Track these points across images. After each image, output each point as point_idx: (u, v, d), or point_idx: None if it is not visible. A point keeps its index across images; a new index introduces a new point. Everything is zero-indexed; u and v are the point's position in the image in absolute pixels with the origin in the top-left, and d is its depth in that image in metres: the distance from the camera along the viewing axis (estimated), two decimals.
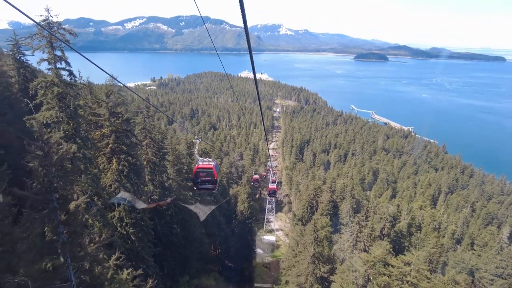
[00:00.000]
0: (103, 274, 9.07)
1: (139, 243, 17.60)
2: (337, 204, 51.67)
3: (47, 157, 7.04)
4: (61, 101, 12.04)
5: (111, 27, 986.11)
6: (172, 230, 27.76)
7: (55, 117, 11.74)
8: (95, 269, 8.75)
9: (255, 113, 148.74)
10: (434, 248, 33.08)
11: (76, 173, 8.42)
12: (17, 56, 28.45)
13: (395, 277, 16.02)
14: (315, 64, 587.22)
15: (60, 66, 12.45)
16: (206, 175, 11.74)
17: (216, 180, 11.84)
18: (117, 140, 16.46)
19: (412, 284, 15.40)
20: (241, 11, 2.68)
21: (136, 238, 17.28)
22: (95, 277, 8.67)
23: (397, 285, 15.67)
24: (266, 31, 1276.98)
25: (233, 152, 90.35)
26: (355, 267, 18.05)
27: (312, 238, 23.63)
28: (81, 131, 12.81)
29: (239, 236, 44.59)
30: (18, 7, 3.18)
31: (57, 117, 11.85)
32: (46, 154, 7.02)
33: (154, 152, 25.52)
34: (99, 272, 8.87)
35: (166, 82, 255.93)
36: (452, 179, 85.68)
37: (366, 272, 16.71)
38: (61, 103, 12.03)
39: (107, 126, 16.21)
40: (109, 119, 16.10)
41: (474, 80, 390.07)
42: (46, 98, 12.04)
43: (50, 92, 11.93)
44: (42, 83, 11.87)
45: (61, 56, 12.46)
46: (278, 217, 71.35)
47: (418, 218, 54.74)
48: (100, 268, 8.92)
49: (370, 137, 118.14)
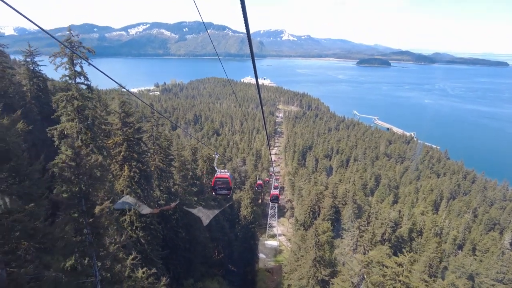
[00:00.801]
0: (121, 272, 10.03)
1: (148, 246, 18.53)
2: (339, 209, 52.33)
3: (79, 167, 8.03)
4: (80, 113, 13.10)
5: (115, 33, 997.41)
6: (178, 234, 28.66)
7: (75, 127, 12.76)
8: (115, 267, 9.69)
9: (258, 119, 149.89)
10: (434, 253, 33.58)
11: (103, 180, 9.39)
12: (31, 67, 29.89)
13: (389, 276, 16.82)
14: (318, 69, 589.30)
15: (79, 80, 13.51)
16: (222, 183, 14.32)
17: (230, 187, 14.38)
18: (128, 148, 17.50)
19: (404, 283, 16.22)
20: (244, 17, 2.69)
21: (145, 241, 18.22)
22: (115, 275, 9.61)
23: (390, 284, 16.48)
24: (268, 36, 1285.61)
25: (236, 158, 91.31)
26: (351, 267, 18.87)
27: (314, 242, 24.42)
28: (98, 141, 13.82)
29: (242, 240, 45.36)
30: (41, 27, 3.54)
31: (77, 127, 12.87)
32: (78, 164, 8.01)
33: (161, 159, 26.55)
34: (118, 270, 9.82)
35: (170, 88, 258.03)
36: (454, 185, 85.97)
37: (360, 271, 17.50)
38: (80, 115, 13.08)
39: (119, 135, 17.27)
40: (122, 128, 17.14)
41: (477, 85, 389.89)
42: (66, 110, 13.08)
43: (70, 105, 12.98)
44: (63, 97, 12.93)
45: (80, 71, 13.53)
46: (280, 222, 71.90)
47: (419, 223, 55.14)
48: (119, 266, 9.88)
49: (372, 142, 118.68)
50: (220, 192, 14.70)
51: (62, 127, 12.85)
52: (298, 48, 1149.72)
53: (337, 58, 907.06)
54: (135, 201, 17.20)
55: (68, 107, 13.01)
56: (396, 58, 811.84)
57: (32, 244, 6.94)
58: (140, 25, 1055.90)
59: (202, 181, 40.31)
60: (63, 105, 13.09)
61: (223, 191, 14.65)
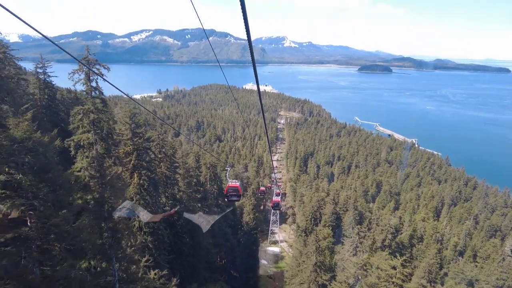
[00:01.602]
0: (136, 273, 10.92)
1: (156, 251, 19.40)
2: (340, 216, 52.88)
3: (103, 177, 8.99)
4: (96, 125, 14.12)
5: (118, 40, 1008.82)
6: (182, 239, 29.48)
7: (91, 139, 13.78)
8: (131, 268, 10.57)
9: (259, 125, 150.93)
10: (434, 259, 34.13)
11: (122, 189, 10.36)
12: (41, 77, 31.28)
13: (383, 278, 17.58)
14: (319, 76, 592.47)
15: (95, 95, 14.59)
16: (233, 191, 16.85)
17: (240, 194, 16.96)
18: (138, 157, 18.52)
19: (397, 284, 16.97)
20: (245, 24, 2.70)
21: (153, 246, 19.09)
22: (130, 275, 10.49)
23: (384, 285, 17.23)
24: (270, 43, 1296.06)
25: (238, 164, 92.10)
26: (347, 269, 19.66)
27: (314, 248, 25.16)
28: (112, 151, 14.81)
29: (245, 246, 45.98)
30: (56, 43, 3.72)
31: (92, 139, 13.89)
32: (102, 175, 8.97)
33: (167, 166, 27.53)
34: (133, 271, 10.70)
35: (172, 94, 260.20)
36: (455, 191, 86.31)
37: (355, 273, 18.26)
38: (96, 127, 14.10)
39: (129, 145, 18.28)
40: (132, 139, 18.18)
41: (478, 91, 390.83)
42: (82, 123, 14.13)
43: (86, 118, 14.03)
44: (80, 110, 13.99)
45: (96, 87, 14.63)
46: (282, 229, 72.38)
47: (420, 230, 55.58)
48: (134, 267, 10.76)
49: (374, 149, 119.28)
50: (231, 198, 17.28)
51: (79, 138, 13.84)
52: (300, 55, 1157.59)
53: (339, 64, 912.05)
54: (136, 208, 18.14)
55: (84, 120, 14.03)
56: (398, 64, 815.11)
57: (63, 246, 7.88)
58: (143, 32, 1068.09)
59: (205, 188, 41.21)
60: (79, 118, 14.12)
61: (234, 198, 17.30)
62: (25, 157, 7.22)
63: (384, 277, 17.56)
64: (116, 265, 10.12)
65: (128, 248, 10.43)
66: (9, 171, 6.98)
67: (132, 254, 10.46)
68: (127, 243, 10.74)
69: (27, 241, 7.31)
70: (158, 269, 13.22)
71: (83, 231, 8.39)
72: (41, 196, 7.48)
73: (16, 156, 7.10)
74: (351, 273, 18.96)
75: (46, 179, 7.81)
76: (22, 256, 7.10)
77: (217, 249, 44.90)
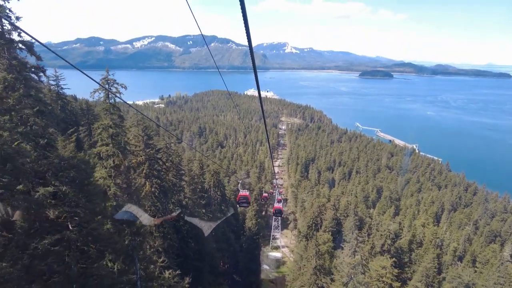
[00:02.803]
0: (154, 272, 12.24)
1: (165, 254, 20.66)
2: (341, 221, 53.98)
3: (129, 187, 10.36)
4: (114, 139, 15.58)
5: (121, 46, 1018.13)
6: (188, 244, 30.72)
7: (109, 151, 15.24)
8: (149, 268, 11.88)
9: (261, 131, 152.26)
10: (431, 263, 35.14)
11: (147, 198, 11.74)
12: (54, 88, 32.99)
13: (375, 278, 18.80)
14: (320, 81, 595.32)
15: (113, 111, 16.09)
16: (244, 198, 20.42)
17: (249, 202, 20.55)
18: (149, 166, 19.92)
19: (387, 283, 18.19)
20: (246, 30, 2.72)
21: (162, 250, 20.38)
22: (149, 274, 11.79)
23: (375, 284, 18.43)
24: (271, 49, 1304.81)
25: (240, 170, 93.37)
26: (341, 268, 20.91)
27: (314, 252, 26.35)
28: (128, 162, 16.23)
29: (247, 251, 47.09)
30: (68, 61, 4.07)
31: (111, 151, 15.35)
32: (128, 186, 10.34)
33: (174, 174, 28.93)
34: (152, 270, 12.01)
35: (174, 100, 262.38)
36: (455, 197, 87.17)
37: (349, 272, 19.47)
38: (114, 141, 15.56)
39: (141, 156, 19.72)
40: (144, 150, 19.62)
41: (479, 97, 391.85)
42: (102, 136, 15.61)
43: (105, 133, 15.51)
44: (100, 126, 15.48)
45: (114, 103, 16.14)
46: (284, 234, 73.34)
47: (419, 235, 56.48)
48: (152, 267, 12.08)
49: (374, 155, 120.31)
50: (242, 205, 21.05)
51: (99, 150, 15.30)
52: (301, 61, 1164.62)
53: (340, 70, 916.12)
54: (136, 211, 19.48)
55: (103, 134, 15.51)
56: (399, 70, 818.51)
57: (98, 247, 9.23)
58: (145, 38, 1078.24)
59: (209, 194, 42.54)
60: (99, 132, 15.61)
61: (244, 204, 21.25)
62: (70, 172, 8.67)
63: (375, 276, 18.81)
64: (138, 265, 11.45)
65: (148, 250, 11.78)
66: (55, 183, 8.39)
67: (151, 255, 11.81)
68: (146, 246, 12.07)
69: (69, 242, 8.67)
70: (172, 269, 14.57)
71: (114, 234, 9.76)
72: (81, 204, 8.85)
73: (63, 171, 8.54)
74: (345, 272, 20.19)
75: (85, 190, 9.20)
76: (65, 255, 8.45)
77: (220, 253, 46.06)
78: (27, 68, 11.83)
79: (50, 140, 9.55)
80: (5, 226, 7.15)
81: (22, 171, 7.35)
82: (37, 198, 7.74)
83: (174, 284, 13.80)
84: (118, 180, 11.79)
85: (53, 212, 8.09)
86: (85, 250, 8.99)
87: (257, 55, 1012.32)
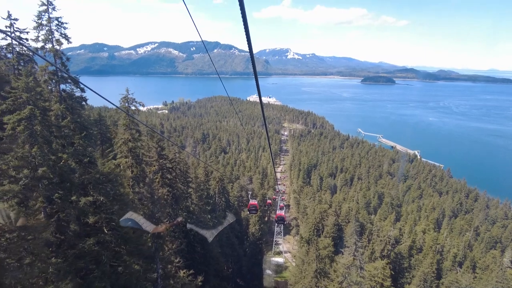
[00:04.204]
0: (171, 271, 13.77)
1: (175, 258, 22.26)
2: (342, 227, 55.21)
3: (152, 196, 11.95)
4: (133, 152, 17.29)
5: (124, 52, 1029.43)
6: (195, 248, 32.22)
7: (129, 162, 16.92)
8: (168, 267, 13.41)
9: (264, 137, 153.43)
10: (429, 268, 36.27)
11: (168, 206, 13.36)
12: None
13: (367, 278, 20.15)
14: (322, 87, 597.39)
15: (132, 127, 17.82)
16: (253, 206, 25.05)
17: (258, 209, 24.86)
18: (162, 175, 21.57)
19: (378, 283, 19.56)
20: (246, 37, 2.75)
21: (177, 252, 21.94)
22: (167, 272, 13.32)
23: (368, 283, 19.77)
24: (274, 55, 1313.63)
25: (243, 176, 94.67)
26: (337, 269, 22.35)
27: (315, 256, 27.72)
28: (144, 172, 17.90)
29: (251, 256, 48.41)
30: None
31: (130, 163, 17.04)
32: (152, 194, 11.94)
33: (182, 181, 30.56)
34: (169, 269, 13.54)
35: (178, 106, 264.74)
36: (456, 203, 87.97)
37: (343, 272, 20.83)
38: (132, 153, 17.26)
39: (155, 165, 21.38)
40: (158, 160, 21.28)
41: (482, 102, 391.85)
42: (122, 150, 17.32)
43: (125, 146, 17.22)
44: (120, 140, 17.20)
45: (133, 120, 17.87)
46: (286, 240, 74.40)
47: (419, 241, 57.48)
48: (170, 266, 13.61)
49: (376, 161, 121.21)
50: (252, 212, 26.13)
51: (119, 162, 16.97)
52: (303, 66, 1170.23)
53: (342, 76, 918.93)
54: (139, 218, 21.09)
55: (123, 147, 17.21)
56: (401, 75, 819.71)
57: (128, 248, 10.82)
58: (149, 44, 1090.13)
59: (214, 200, 44.12)
60: (119, 145, 17.31)
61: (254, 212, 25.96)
62: (107, 185, 10.33)
63: (368, 276, 20.19)
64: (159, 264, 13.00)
65: (166, 251, 13.35)
66: (94, 194, 10.02)
67: (169, 256, 13.37)
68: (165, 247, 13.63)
69: (105, 244, 10.25)
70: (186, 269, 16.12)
71: (140, 237, 11.33)
72: (115, 211, 10.45)
73: (102, 184, 10.19)
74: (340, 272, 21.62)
75: (118, 199, 10.83)
76: (102, 254, 10.03)
77: (224, 258, 47.45)
78: (73, 98, 13.64)
79: (91, 158, 11.19)
80: (58, 229, 8.79)
81: (74, 185, 8.99)
82: (81, 206, 9.36)
83: (188, 282, 15.32)
84: (143, 190, 13.45)
85: (92, 218, 9.69)
86: (118, 251, 10.57)
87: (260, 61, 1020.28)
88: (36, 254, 7.46)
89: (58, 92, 12.60)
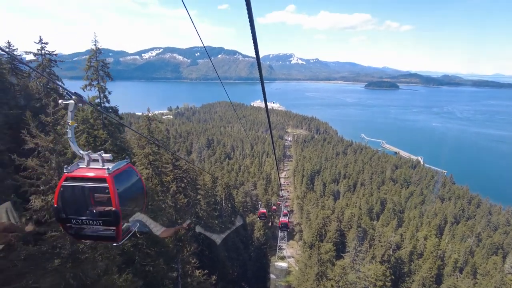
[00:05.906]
0: (189, 270, 15.67)
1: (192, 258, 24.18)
2: (344, 232, 56.78)
3: (176, 205, 13.90)
4: (153, 164, 19.35)
5: (130, 57, 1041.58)
6: (203, 252, 34.12)
7: (150, 174, 18.97)
8: (186, 267, 15.30)
9: (267, 142, 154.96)
10: (427, 273, 37.63)
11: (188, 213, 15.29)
12: None
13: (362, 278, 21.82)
14: (326, 92, 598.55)
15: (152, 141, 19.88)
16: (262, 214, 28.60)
17: (266, 216, 28.72)
18: (177, 184, 23.54)
19: (371, 282, 21.20)
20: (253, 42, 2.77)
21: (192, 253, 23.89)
22: (186, 272, 15.19)
23: (362, 284, 21.42)
24: (278, 60, 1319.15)
25: (247, 182, 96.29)
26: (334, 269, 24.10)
27: (316, 260, 29.40)
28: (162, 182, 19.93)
29: (256, 260, 50.06)
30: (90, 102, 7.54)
31: (150, 174, 19.09)
32: (175, 204, 13.88)
33: (191, 189, 32.57)
34: (187, 269, 15.43)
35: (183, 112, 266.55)
36: (458, 209, 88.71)
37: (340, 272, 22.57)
38: (153, 166, 19.32)
39: (170, 175, 23.39)
40: (173, 170, 23.29)
41: (486, 108, 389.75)
42: (143, 162, 19.38)
43: (146, 159, 19.28)
44: (141, 154, 19.26)
45: (153, 136, 19.97)
46: (290, 245, 75.74)
47: (420, 246, 58.58)
48: (188, 267, 15.51)
49: (379, 167, 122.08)
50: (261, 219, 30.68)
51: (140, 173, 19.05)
52: (307, 72, 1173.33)
53: (346, 81, 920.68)
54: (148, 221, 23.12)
55: (143, 159, 19.27)
56: (405, 80, 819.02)
57: (155, 250, 12.75)
58: (154, 50, 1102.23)
59: (221, 206, 46.02)
60: (141, 157, 19.38)
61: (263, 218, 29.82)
62: None
63: (363, 277, 21.86)
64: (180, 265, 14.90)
65: (185, 253, 15.24)
66: None
67: (188, 257, 15.27)
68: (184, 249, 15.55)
69: (137, 246, 12.18)
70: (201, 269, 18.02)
71: (165, 240, 13.25)
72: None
73: None
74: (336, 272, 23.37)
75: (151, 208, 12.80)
76: (137, 255, 11.96)
77: (230, 262, 49.16)
78: (113, 125, 15.74)
79: None
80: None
81: None
82: None
83: (203, 281, 17.19)
84: (167, 200, 15.46)
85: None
86: (148, 252, 12.48)
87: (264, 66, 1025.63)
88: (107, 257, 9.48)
89: (101, 120, 14.68)
